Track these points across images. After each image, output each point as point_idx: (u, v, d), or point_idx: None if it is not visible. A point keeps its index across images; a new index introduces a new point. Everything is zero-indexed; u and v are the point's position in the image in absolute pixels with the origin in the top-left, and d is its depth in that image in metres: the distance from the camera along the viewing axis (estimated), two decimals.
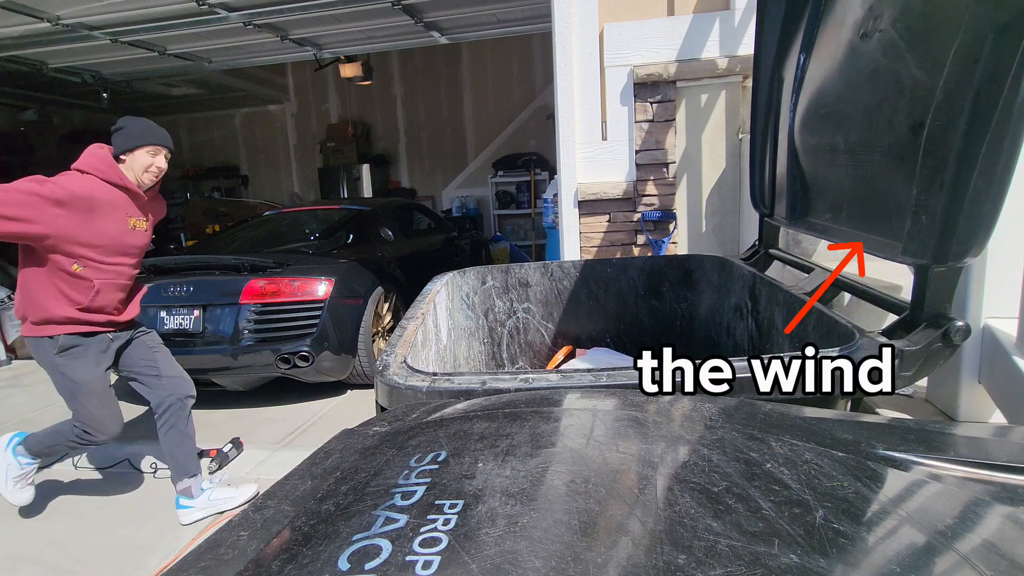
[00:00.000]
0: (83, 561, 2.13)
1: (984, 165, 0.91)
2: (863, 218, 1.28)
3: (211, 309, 3.41)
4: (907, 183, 1.06)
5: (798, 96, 1.60)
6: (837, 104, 1.40)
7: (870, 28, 1.23)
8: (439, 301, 1.78)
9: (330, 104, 9.51)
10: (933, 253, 1.01)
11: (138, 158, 2.12)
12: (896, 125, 1.13)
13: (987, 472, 0.62)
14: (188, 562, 0.48)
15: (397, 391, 0.98)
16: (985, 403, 1.26)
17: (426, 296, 1.71)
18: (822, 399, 0.94)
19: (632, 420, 0.70)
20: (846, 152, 1.33)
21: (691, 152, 2.88)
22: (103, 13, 4.42)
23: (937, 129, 0.99)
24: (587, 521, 0.47)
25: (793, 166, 1.64)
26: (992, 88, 0.89)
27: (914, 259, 1.05)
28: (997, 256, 1.21)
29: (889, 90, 1.17)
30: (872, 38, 1.21)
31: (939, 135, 0.99)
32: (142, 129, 2.14)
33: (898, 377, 0.98)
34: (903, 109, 1.12)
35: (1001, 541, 0.49)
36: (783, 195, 1.71)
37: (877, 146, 1.20)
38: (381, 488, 0.54)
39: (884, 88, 1.18)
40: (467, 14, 5.02)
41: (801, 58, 1.56)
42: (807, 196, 1.61)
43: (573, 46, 2.88)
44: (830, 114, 1.44)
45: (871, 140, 1.23)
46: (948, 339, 1.01)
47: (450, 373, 1.03)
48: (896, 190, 1.13)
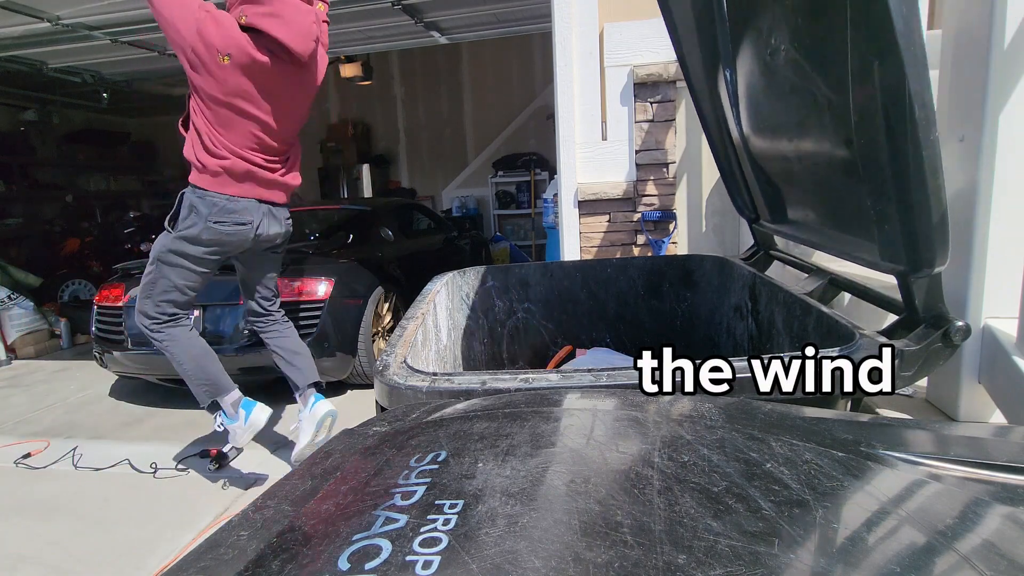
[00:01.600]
0: (83, 561, 2.13)
1: (915, 179, 0.90)
2: (839, 226, 1.27)
3: (211, 309, 3.41)
4: (862, 194, 1.06)
5: (738, 109, 1.58)
6: (774, 117, 1.39)
7: (774, 46, 1.21)
8: (439, 301, 1.78)
9: (330, 104, 9.50)
10: (907, 261, 1.00)
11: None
12: (832, 139, 1.12)
13: (987, 472, 0.62)
14: (188, 562, 0.48)
15: (397, 391, 0.98)
16: (985, 403, 1.26)
17: (426, 296, 1.71)
18: (822, 399, 0.94)
19: (632, 420, 0.70)
20: (799, 161, 1.32)
21: (691, 152, 2.88)
22: (103, 13, 4.42)
23: (864, 145, 0.99)
24: (587, 521, 0.47)
25: (759, 173, 1.62)
26: (896, 109, 0.88)
27: (893, 266, 1.05)
28: (997, 256, 1.21)
29: (810, 107, 1.15)
30: (780, 56, 1.20)
31: (869, 151, 0.98)
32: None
33: (898, 377, 0.98)
34: (830, 125, 1.11)
35: (1001, 541, 0.49)
36: (760, 201, 1.69)
37: (823, 158, 1.19)
38: (381, 488, 0.54)
39: (806, 104, 1.17)
40: (467, 14, 5.02)
41: (727, 73, 1.54)
42: (782, 202, 1.60)
43: (573, 46, 2.88)
44: (772, 127, 1.42)
45: (816, 152, 1.22)
46: (948, 339, 1.01)
47: (450, 373, 1.03)
48: (856, 200, 1.12)
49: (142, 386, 4.03)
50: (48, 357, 5.29)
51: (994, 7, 1.15)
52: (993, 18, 1.16)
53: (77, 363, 4.96)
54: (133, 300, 3.59)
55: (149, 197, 9.72)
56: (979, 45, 1.19)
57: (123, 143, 9.29)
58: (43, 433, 3.42)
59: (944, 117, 1.35)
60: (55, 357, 5.28)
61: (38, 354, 5.33)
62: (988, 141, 1.18)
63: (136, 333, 3.51)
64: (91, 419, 3.62)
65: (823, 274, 1.40)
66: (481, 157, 8.67)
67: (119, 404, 3.83)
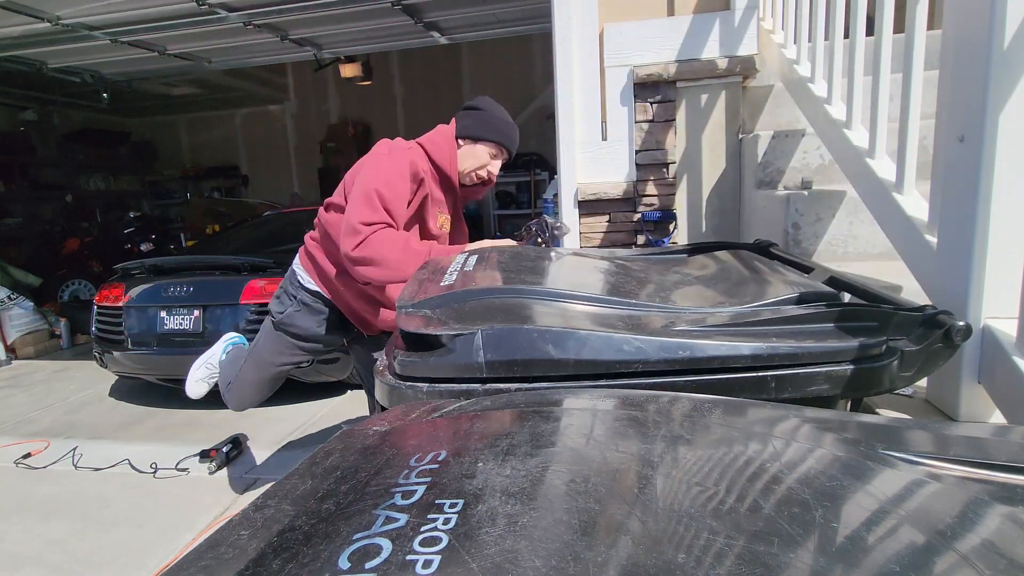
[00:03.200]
0: (83, 561, 2.13)
1: None
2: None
3: (211, 309, 3.41)
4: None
5: None
6: None
7: None
8: None
9: (330, 104, 9.50)
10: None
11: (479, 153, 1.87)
12: None
13: (987, 472, 0.62)
14: (188, 562, 0.48)
15: (397, 391, 0.99)
16: (985, 403, 1.26)
17: None
18: (823, 399, 0.94)
19: (632, 420, 0.70)
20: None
21: (691, 152, 2.88)
22: (103, 13, 4.42)
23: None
24: (587, 521, 0.47)
25: None
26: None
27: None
28: (997, 256, 1.21)
29: None
30: None
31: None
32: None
33: (898, 377, 0.98)
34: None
35: (1001, 541, 0.49)
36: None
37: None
38: (381, 487, 0.54)
39: None
40: (467, 14, 5.02)
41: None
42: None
43: (573, 46, 2.88)
44: None
45: None
46: (949, 339, 1.01)
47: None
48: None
49: (142, 386, 4.03)
50: (48, 357, 5.29)
51: (994, 7, 1.15)
52: (993, 18, 1.15)
53: (77, 363, 4.96)
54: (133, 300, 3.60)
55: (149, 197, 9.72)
56: (979, 45, 1.19)
57: (123, 143, 9.29)
58: (43, 433, 3.42)
59: (944, 117, 1.35)
60: (55, 357, 5.29)
61: (38, 354, 5.34)
62: (988, 141, 1.18)
63: (136, 333, 3.52)
64: (91, 419, 3.62)
65: (823, 273, 1.40)
66: None
67: (119, 404, 3.84)
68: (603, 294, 1.16)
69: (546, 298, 1.11)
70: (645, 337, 0.93)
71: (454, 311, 1.06)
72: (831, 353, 0.93)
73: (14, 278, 5.96)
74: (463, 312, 1.05)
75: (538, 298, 1.11)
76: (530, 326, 0.95)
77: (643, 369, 0.92)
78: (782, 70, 2.47)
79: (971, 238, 1.22)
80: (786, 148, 2.42)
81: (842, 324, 1.00)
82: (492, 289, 1.13)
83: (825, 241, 2.11)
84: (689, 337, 0.94)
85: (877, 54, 1.58)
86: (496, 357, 0.93)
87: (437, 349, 0.96)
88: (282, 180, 10.01)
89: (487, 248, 1.55)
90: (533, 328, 0.94)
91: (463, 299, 1.10)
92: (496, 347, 0.93)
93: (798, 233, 2.14)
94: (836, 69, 1.93)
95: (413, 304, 1.11)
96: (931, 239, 1.37)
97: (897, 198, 1.52)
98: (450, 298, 1.11)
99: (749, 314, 1.05)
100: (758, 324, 0.99)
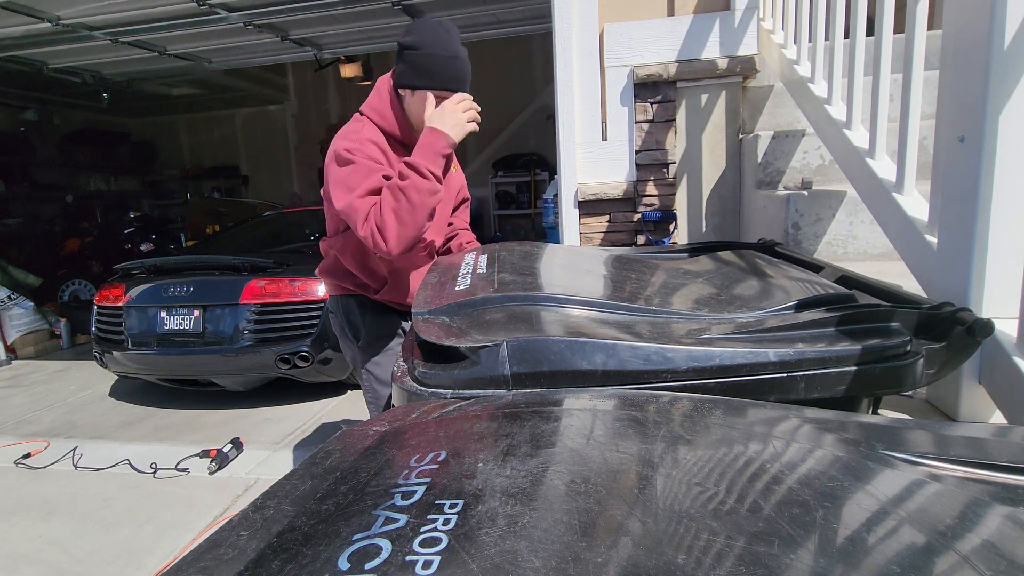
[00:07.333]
0: (83, 561, 2.13)
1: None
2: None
3: (211, 309, 3.41)
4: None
5: None
6: None
7: None
8: None
9: (330, 104, 9.50)
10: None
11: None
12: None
13: (987, 472, 0.62)
14: (188, 562, 0.48)
15: (419, 398, 0.98)
16: (985, 403, 1.26)
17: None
18: (848, 399, 0.93)
19: (632, 420, 0.70)
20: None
21: (691, 152, 2.88)
22: (103, 13, 4.43)
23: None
24: (587, 521, 0.47)
25: None
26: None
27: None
28: (997, 256, 1.21)
29: None
30: None
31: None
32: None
33: (923, 376, 0.97)
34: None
35: (1001, 541, 0.49)
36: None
37: None
38: (381, 488, 0.54)
39: None
40: (467, 14, 5.02)
41: None
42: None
43: (573, 46, 2.88)
44: None
45: None
46: (972, 335, 1.00)
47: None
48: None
49: (142, 386, 4.04)
50: (48, 357, 5.29)
51: (994, 7, 1.15)
52: (993, 18, 1.15)
53: (77, 363, 4.96)
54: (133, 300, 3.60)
55: (149, 197, 9.73)
56: (979, 45, 1.19)
57: (123, 143, 9.30)
58: (43, 433, 3.42)
59: (944, 117, 1.34)
60: (55, 357, 5.29)
61: (38, 354, 5.34)
62: (988, 141, 1.18)
63: (136, 333, 3.52)
64: (91, 419, 3.62)
65: (833, 272, 1.40)
66: (481, 157, 8.66)
67: (119, 404, 3.84)
68: (623, 300, 1.14)
69: (567, 305, 1.09)
70: (673, 346, 0.92)
71: (473, 319, 1.04)
72: (859, 354, 0.92)
73: (14, 278, 5.97)
74: (482, 321, 1.03)
75: (559, 305, 1.09)
76: (556, 337, 0.93)
77: (671, 380, 0.91)
78: (782, 70, 2.47)
79: (971, 238, 1.22)
80: (786, 148, 2.42)
81: (867, 326, 0.99)
82: (511, 297, 1.11)
83: (825, 241, 2.11)
84: (716, 345, 0.93)
85: (877, 54, 1.58)
86: (522, 369, 0.91)
87: (459, 360, 0.94)
88: (282, 180, 10.01)
89: (494, 247, 1.54)
90: (560, 339, 0.92)
91: (481, 306, 1.08)
92: (521, 359, 0.91)
93: (798, 233, 2.14)
94: (836, 69, 1.93)
95: (430, 311, 1.10)
96: (931, 239, 1.37)
97: (897, 198, 1.52)
98: (467, 304, 1.09)
99: (773, 319, 1.04)
100: (783, 329, 0.98)
